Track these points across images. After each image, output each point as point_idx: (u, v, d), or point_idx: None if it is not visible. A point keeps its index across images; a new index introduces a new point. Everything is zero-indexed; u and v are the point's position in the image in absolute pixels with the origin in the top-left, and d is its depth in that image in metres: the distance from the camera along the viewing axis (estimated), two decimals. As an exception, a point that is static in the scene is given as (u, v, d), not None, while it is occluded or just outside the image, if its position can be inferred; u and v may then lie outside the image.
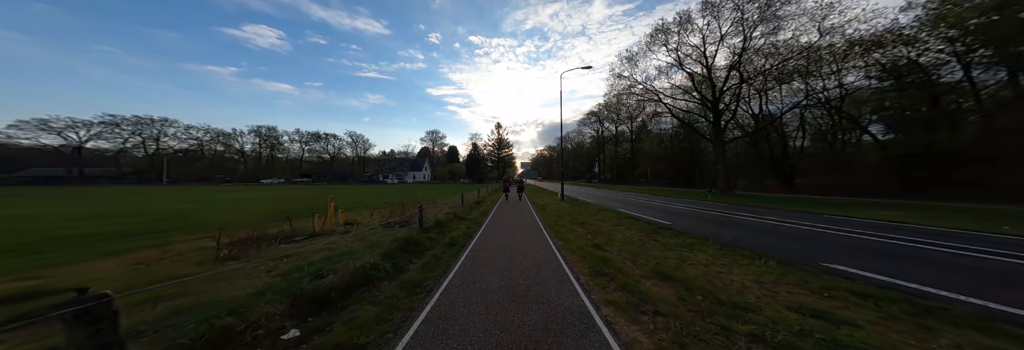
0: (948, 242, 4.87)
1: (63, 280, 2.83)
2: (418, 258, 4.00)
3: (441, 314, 2.34)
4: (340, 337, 1.99)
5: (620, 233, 5.86)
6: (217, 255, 3.75)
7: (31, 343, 1.70)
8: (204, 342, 1.64)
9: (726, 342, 1.91)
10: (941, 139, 14.15)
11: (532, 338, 1.94)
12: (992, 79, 14.10)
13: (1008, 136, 11.88)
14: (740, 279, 3.12)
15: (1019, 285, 2.98)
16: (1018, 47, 12.65)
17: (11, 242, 4.78)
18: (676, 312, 2.36)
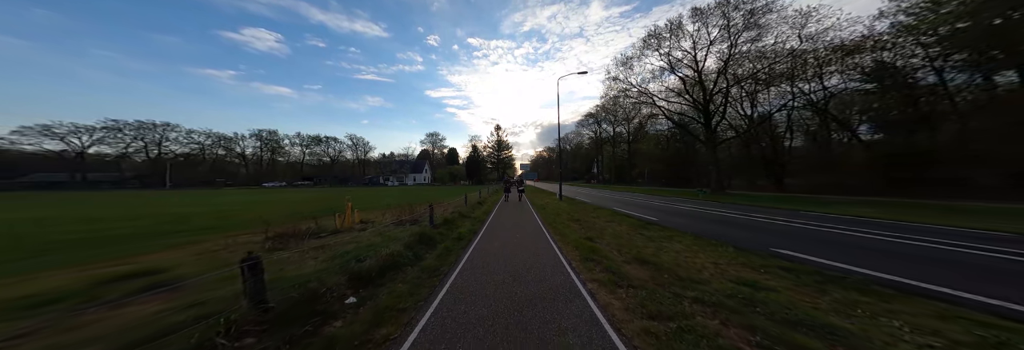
0: (891, 232, 5.58)
1: (153, 264, 3.48)
2: (432, 249, 4.67)
3: (458, 288, 3.01)
4: (387, 302, 2.66)
5: (611, 228, 6.54)
6: (264, 246, 4.41)
7: (208, 292, 2.39)
8: (302, 297, 2.31)
9: (675, 303, 2.58)
10: (920, 140, 14.93)
11: (531, 303, 2.61)
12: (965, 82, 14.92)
13: (979, 138, 12.65)
14: (701, 262, 3.80)
15: (911, 261, 3.71)
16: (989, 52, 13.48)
17: (79, 239, 5.43)
18: (645, 285, 3.03)
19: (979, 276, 3.20)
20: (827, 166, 18.93)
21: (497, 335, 2.02)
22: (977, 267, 3.53)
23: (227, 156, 61.40)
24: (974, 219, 6.87)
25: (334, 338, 2.00)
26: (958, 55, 14.57)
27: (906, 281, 3.02)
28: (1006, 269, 3.43)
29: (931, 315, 2.26)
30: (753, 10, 16.14)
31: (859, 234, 5.53)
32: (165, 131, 53.83)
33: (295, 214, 8.67)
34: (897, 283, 2.98)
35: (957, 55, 14.62)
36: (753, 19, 16.33)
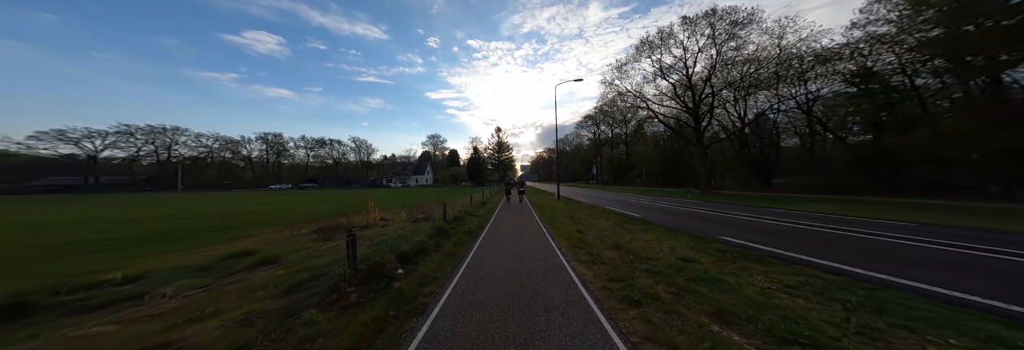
0: (828, 224, 6.65)
1: (243, 248, 4.60)
2: (449, 240, 5.76)
3: (474, 266, 4.09)
4: (425, 272, 3.75)
5: (599, 223, 7.61)
6: (317, 237, 5.52)
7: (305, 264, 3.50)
8: (370, 268, 3.41)
9: (629, 272, 3.66)
10: (895, 142, 15.95)
11: (529, 273, 3.69)
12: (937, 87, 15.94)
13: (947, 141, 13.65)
14: (661, 247, 4.88)
15: (815, 243, 4.79)
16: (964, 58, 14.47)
17: (163, 231, 6.56)
18: (613, 263, 4.11)
19: (853, 252, 4.30)
20: (812, 166, 19.96)
21: (505, 290, 3.11)
22: (856, 246, 4.65)
23: (233, 159, 62.85)
24: (915, 214, 7.93)
25: (400, 290, 3.09)
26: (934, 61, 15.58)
27: (796, 255, 4.13)
28: (879, 248, 4.51)
29: (786, 273, 3.35)
30: (734, 21, 17.27)
31: (801, 226, 6.61)
32: (175, 135, 55.32)
33: (320, 213, 9.80)
34: (787, 256, 4.09)
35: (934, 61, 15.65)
36: (735, 30, 17.47)
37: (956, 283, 3.01)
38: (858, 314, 2.32)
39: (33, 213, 11.99)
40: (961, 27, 14.13)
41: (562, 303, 2.70)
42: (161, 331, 2.10)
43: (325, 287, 2.83)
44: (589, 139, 60.21)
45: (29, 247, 5.33)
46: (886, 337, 1.99)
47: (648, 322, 2.29)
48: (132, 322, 2.23)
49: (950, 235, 5.41)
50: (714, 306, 2.52)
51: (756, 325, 2.16)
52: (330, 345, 2.00)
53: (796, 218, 7.84)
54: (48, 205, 16.99)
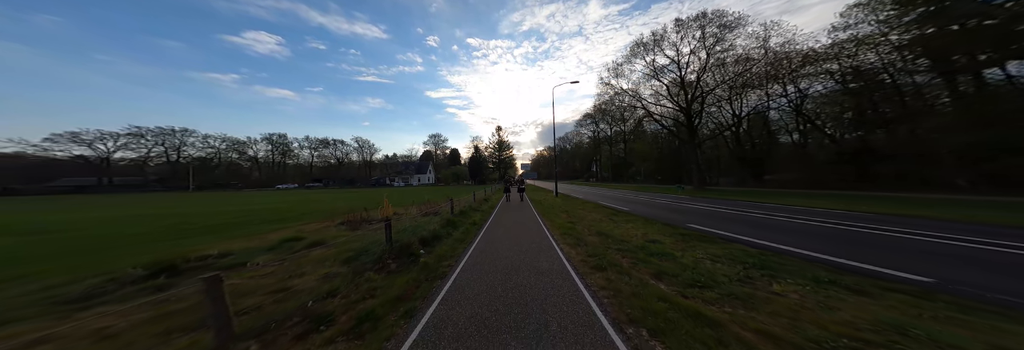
0: (786, 214, 7.57)
1: (292, 235, 5.61)
2: (457, 229, 6.74)
3: (481, 248, 5.06)
4: (442, 252, 4.73)
5: (590, 216, 8.56)
6: (345, 228, 6.52)
7: (347, 245, 4.50)
8: (399, 248, 4.40)
9: (605, 251, 4.61)
10: (877, 139, 16.73)
11: (526, 252, 4.66)
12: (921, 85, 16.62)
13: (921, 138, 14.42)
14: (637, 233, 5.84)
15: (764, 228, 5.72)
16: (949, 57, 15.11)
17: (216, 224, 7.61)
18: (594, 245, 5.06)
19: (779, 232, 5.28)
20: (801, 163, 20.74)
21: (506, 262, 4.07)
22: (786, 228, 5.64)
23: (239, 159, 64.25)
24: (867, 205, 8.84)
25: (425, 263, 4.06)
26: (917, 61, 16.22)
27: (737, 236, 5.12)
28: (800, 229, 5.49)
29: (720, 248, 4.31)
30: (723, 25, 18.00)
31: (762, 215, 7.55)
32: (183, 136, 56.65)
33: (338, 209, 10.82)
34: (730, 237, 5.08)
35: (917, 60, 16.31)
36: (722, 33, 18.21)
37: (823, 249, 4.14)
38: (748, 270, 3.29)
39: (79, 212, 13.09)
40: (945, 26, 14.77)
41: (549, 270, 3.66)
42: (276, 282, 3.09)
43: (372, 259, 3.82)
44: (589, 137, 60.96)
45: (120, 236, 6.41)
46: (753, 281, 2.95)
47: (607, 279, 3.25)
48: (254, 278, 3.23)
49: (866, 219, 6.43)
50: (657, 269, 3.48)
51: (678, 279, 3.12)
52: (388, 292, 2.98)
53: (764, 210, 8.77)
54: (83, 204, 18.14)
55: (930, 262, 3.57)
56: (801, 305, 2.39)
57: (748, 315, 2.25)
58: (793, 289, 2.72)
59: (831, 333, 1.95)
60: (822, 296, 2.56)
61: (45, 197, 32.09)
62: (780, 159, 23.11)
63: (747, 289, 2.74)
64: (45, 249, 5.25)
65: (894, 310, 2.29)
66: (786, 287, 2.76)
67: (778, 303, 2.42)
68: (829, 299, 2.50)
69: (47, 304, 2.61)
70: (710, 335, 1.95)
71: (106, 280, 3.03)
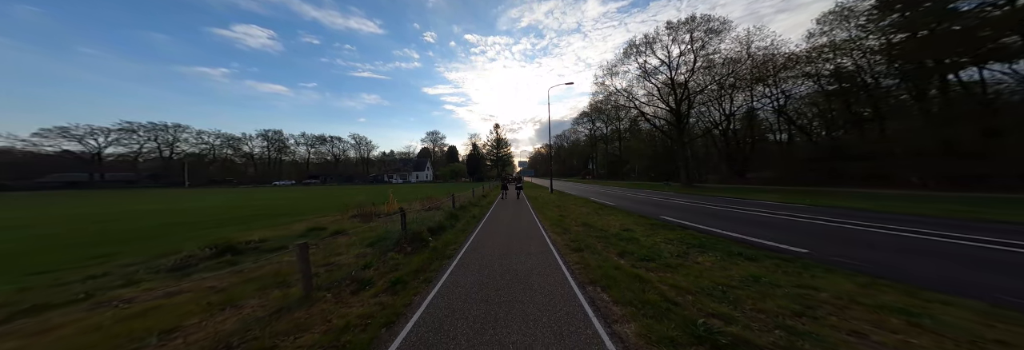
0: (748, 208, 8.55)
1: (312, 226, 6.39)
2: (459, 221, 7.57)
3: (480, 237, 5.91)
4: (447, 239, 5.57)
5: (579, 210, 9.46)
6: (358, 220, 7.32)
7: (366, 234, 5.31)
8: (412, 234, 5.23)
9: (586, 237, 5.50)
10: (845, 138, 17.92)
11: (520, 239, 5.52)
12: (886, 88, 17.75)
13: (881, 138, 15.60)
14: (616, 223, 6.74)
15: (721, 218, 6.65)
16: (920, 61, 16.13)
17: (240, 216, 8.32)
18: (577, 233, 5.95)
19: (730, 221, 6.24)
20: (782, 161, 21.95)
21: (502, 246, 4.92)
22: (738, 219, 6.61)
23: (233, 156, 63.86)
24: (825, 199, 9.90)
25: (434, 247, 4.90)
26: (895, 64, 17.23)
27: (695, 225, 6.05)
28: (750, 219, 6.43)
29: (678, 234, 5.23)
30: (710, 29, 18.85)
31: (723, 208, 8.55)
32: (176, 132, 56.09)
33: (346, 204, 11.55)
34: (690, 226, 6.02)
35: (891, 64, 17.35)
36: (708, 37, 19.09)
37: (749, 232, 5.26)
38: (688, 248, 4.21)
39: (93, 207, 13.59)
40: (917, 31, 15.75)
41: (537, 251, 4.53)
42: (323, 259, 3.90)
43: (391, 243, 4.65)
44: (586, 135, 61.84)
45: (160, 226, 7.14)
46: (687, 255, 3.88)
47: (581, 257, 4.12)
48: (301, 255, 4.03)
49: (802, 211, 7.55)
50: (622, 250, 4.37)
51: (634, 255, 4.01)
52: (409, 266, 3.80)
53: (730, 204, 9.78)
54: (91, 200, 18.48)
55: (815, 239, 4.70)
56: (708, 269, 3.32)
57: (670, 276, 3.15)
58: (709, 259, 3.64)
59: (714, 283, 2.87)
60: (725, 263, 3.50)
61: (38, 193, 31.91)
62: (763, 157, 24.33)
63: (679, 260, 3.65)
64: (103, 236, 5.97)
65: (763, 269, 3.27)
66: (706, 258, 3.69)
67: (694, 268, 3.33)
68: (728, 264, 3.44)
69: (153, 272, 3.38)
70: (640, 287, 2.83)
71: (184, 257, 3.79)
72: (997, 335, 1.95)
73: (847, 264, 3.46)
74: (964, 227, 5.43)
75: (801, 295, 2.58)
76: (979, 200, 9.25)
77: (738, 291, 2.68)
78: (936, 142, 12.12)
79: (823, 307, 2.36)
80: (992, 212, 6.83)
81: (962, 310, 2.28)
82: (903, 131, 13.72)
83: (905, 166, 13.98)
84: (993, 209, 7.30)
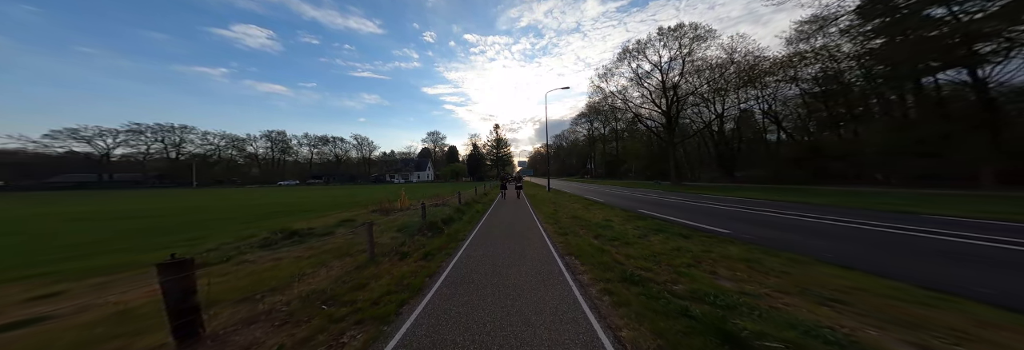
0: (720, 203, 9.73)
1: (344, 218, 7.57)
2: (465, 215, 8.74)
3: (485, 228, 7.09)
4: (457, 228, 6.75)
5: (571, 206, 10.64)
6: (379, 214, 8.50)
7: (390, 223, 6.52)
8: (428, 223, 6.42)
9: (573, 228, 6.67)
10: (825, 139, 19.10)
11: (519, 229, 6.72)
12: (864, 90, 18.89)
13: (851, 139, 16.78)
14: (600, 216, 7.93)
15: (694, 212, 7.83)
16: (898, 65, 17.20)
17: (265, 213, 9.50)
18: (566, 224, 7.13)
19: (695, 213, 7.39)
20: (768, 161, 23.14)
21: (504, 233, 6.11)
22: (703, 211, 7.77)
23: (238, 156, 64.99)
24: (793, 196, 11.09)
25: (448, 234, 6.08)
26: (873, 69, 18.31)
27: (666, 216, 7.22)
28: (713, 212, 7.60)
29: (647, 222, 6.42)
30: (696, 36, 20.06)
31: (698, 204, 9.73)
32: (183, 133, 57.21)
33: (361, 201, 12.76)
34: (661, 217, 7.18)
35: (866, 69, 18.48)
36: (694, 44, 20.30)
37: (702, 220, 6.53)
38: (649, 232, 5.40)
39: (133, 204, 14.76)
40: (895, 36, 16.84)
41: (532, 237, 5.70)
42: (364, 241, 5.10)
43: (414, 229, 5.83)
44: (584, 135, 62.98)
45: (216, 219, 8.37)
46: (646, 237, 5.07)
47: (566, 239, 5.29)
48: (347, 237, 5.21)
49: (766, 205, 8.75)
50: (598, 234, 5.55)
51: (606, 237, 5.20)
52: (432, 245, 4.97)
53: (703, 200, 10.98)
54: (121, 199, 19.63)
55: (743, 224, 6.04)
56: (653, 244, 4.52)
57: (626, 249, 4.33)
58: (660, 239, 4.83)
59: (653, 252, 4.07)
60: (667, 240, 4.71)
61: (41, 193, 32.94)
62: (751, 157, 25.52)
63: (637, 240, 4.84)
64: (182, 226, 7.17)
65: (690, 243, 4.52)
66: (656, 238, 4.89)
67: (644, 244, 4.53)
68: (670, 241, 4.64)
69: (250, 248, 4.56)
70: (601, 256, 4.01)
71: (264, 238, 4.96)
72: (785, 268, 3.26)
73: (748, 239, 4.73)
74: (864, 215, 6.72)
75: (699, 256, 3.79)
76: (920, 195, 10.47)
77: (664, 256, 3.87)
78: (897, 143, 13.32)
79: (707, 262, 3.58)
80: (908, 205, 8.09)
81: (781, 259, 3.57)
82: (872, 133, 14.89)
83: (872, 165, 15.20)
84: (916, 203, 8.54)
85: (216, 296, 2.58)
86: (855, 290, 2.64)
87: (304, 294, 2.77)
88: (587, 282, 3.11)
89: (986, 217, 6.14)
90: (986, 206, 7.49)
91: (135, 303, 2.63)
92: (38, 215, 10.33)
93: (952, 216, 6.35)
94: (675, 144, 24.40)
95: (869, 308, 2.32)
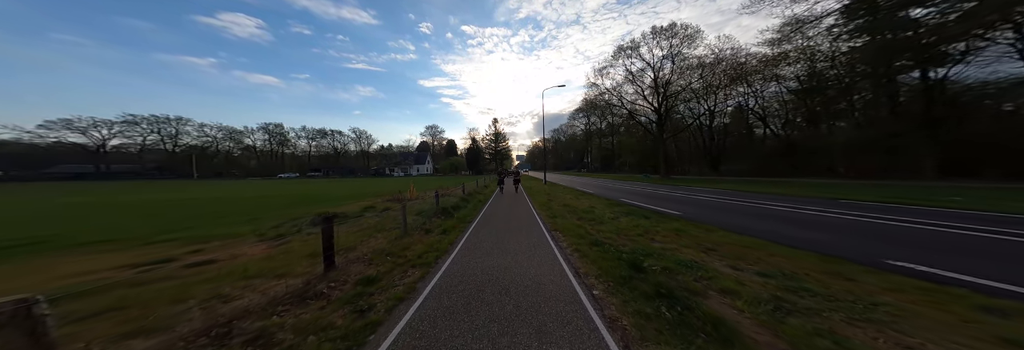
0: (692, 194, 11.09)
1: (367, 205, 8.77)
2: (470, 203, 9.99)
3: (487, 214, 8.33)
4: (463, 215, 7.97)
5: (564, 196, 11.91)
6: (394, 203, 9.73)
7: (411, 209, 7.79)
8: (440, 209, 7.67)
9: (562, 212, 7.95)
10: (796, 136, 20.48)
11: (517, 214, 7.99)
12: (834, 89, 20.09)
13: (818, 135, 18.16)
14: (586, 204, 9.20)
15: (670, 201, 9.15)
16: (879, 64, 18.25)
17: (289, 202, 10.65)
18: (557, 210, 8.39)
19: (667, 201, 8.70)
20: (751, 155, 24.58)
21: (504, 218, 7.37)
22: (675, 200, 9.06)
23: (235, 148, 64.98)
24: (762, 188, 12.51)
25: (457, 217, 7.33)
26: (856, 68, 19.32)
27: (641, 204, 8.52)
28: (683, 199, 8.93)
29: (623, 208, 7.73)
30: (685, 36, 20.94)
31: (672, 194, 11.08)
32: (179, 124, 56.93)
33: (371, 192, 13.92)
34: (636, 205, 8.49)
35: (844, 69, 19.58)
36: (682, 45, 21.21)
37: (665, 206, 7.92)
38: (620, 215, 6.70)
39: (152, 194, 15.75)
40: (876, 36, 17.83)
41: (527, 221, 6.96)
42: (391, 221, 6.33)
43: (430, 214, 7.07)
44: (581, 130, 63.87)
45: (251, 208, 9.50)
46: (618, 219, 6.38)
47: (554, 221, 6.55)
48: (376, 219, 6.44)
49: (727, 194, 10.20)
50: (580, 217, 6.84)
51: (586, 219, 6.49)
52: (448, 225, 6.21)
53: (679, 191, 12.35)
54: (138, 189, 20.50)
55: (695, 208, 7.51)
56: (622, 223, 5.81)
57: (600, 227, 5.62)
58: (627, 220, 6.14)
59: (619, 228, 5.34)
60: (633, 221, 5.98)
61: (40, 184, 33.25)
62: (737, 152, 26.96)
63: (610, 221, 6.13)
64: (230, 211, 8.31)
65: (649, 222, 5.82)
66: (625, 219, 6.18)
67: (615, 224, 5.82)
68: (634, 221, 5.92)
69: (306, 226, 5.77)
70: (580, 231, 5.28)
71: (310, 220, 6.16)
72: (696, 234, 4.60)
73: (689, 218, 6.13)
74: (797, 201, 8.15)
75: (649, 229, 5.11)
76: (864, 186, 12.04)
77: (625, 230, 5.17)
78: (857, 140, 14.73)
79: (652, 232, 4.90)
80: (843, 194, 9.54)
81: (699, 229, 4.96)
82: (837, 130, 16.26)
83: (838, 160, 16.68)
84: (852, 192, 10.02)
85: (316, 251, 3.81)
86: (725, 244, 4.12)
87: (371, 251, 4.01)
88: (565, 246, 4.38)
89: (884, 200, 7.80)
90: (901, 192, 9.18)
91: (268, 253, 3.85)
92: (78, 204, 11.36)
93: (862, 201, 7.95)
94: (665, 139, 25.65)
95: (725, 252, 3.78)
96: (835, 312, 2.15)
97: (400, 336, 1.94)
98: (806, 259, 3.36)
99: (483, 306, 2.34)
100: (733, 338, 1.82)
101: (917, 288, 2.52)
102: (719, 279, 2.80)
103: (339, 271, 3.26)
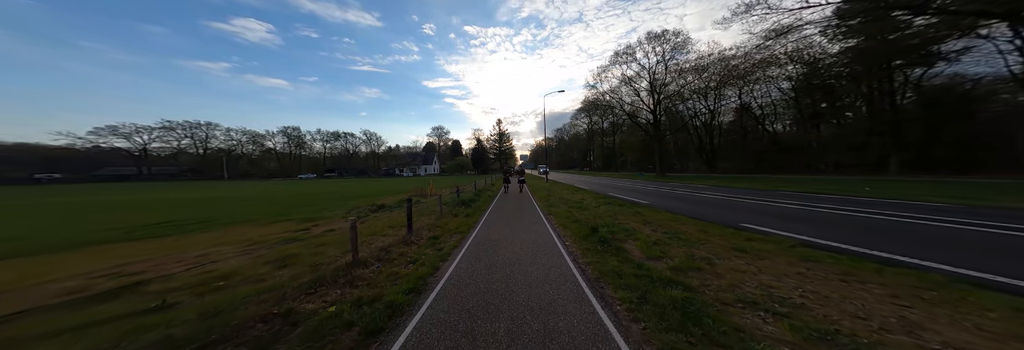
0: (675, 189, 12.88)
1: (400, 199, 10.97)
2: (482, 197, 12.07)
3: (496, 208, 10.30)
4: (479, 205, 10.07)
5: (562, 192, 13.86)
6: (420, 198, 11.91)
7: (435, 201, 9.95)
8: (459, 201, 9.78)
9: (559, 204, 9.89)
10: (794, 134, 21.70)
11: (522, 207, 10.03)
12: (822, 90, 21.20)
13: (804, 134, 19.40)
14: (579, 198, 11.14)
15: (657, 196, 10.97)
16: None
17: (336, 199, 13.00)
18: (555, 203, 10.33)
19: (653, 196, 10.55)
20: (743, 153, 25.84)
21: (511, 210, 9.40)
22: (661, 194, 10.89)
23: (256, 151, 69.13)
24: (749, 184, 14.15)
25: (476, 207, 9.42)
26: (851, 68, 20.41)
27: (628, 198, 10.38)
28: (668, 194, 10.75)
29: (614, 201, 9.63)
30: (676, 43, 22.43)
31: (657, 189, 12.88)
32: (209, 129, 61.19)
33: (393, 190, 16.19)
34: (624, 199, 10.34)
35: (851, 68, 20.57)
36: (674, 52, 22.71)
37: (646, 199, 9.64)
38: (602, 205, 8.63)
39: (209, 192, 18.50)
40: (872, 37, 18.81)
41: (529, 209, 8.99)
42: (426, 209, 8.46)
43: (453, 204, 9.19)
44: (584, 129, 65.17)
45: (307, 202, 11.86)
46: (598, 208, 8.32)
47: (552, 211, 8.48)
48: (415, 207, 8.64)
49: (706, 189, 11.90)
50: (571, 207, 8.79)
51: (576, 208, 8.44)
52: (469, 211, 8.29)
53: (667, 187, 14.11)
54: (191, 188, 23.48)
55: (663, 199, 9.31)
56: (601, 210, 7.73)
57: (585, 213, 7.56)
58: (607, 208, 8.06)
59: (598, 214, 7.27)
60: (611, 209, 7.89)
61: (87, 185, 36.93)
62: (729, 150, 28.19)
63: (594, 208, 8.08)
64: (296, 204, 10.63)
65: (622, 210, 7.72)
66: (604, 208, 8.11)
67: (596, 211, 7.76)
68: (612, 209, 7.84)
69: (367, 212, 7.95)
70: (570, 216, 7.22)
71: (367, 208, 8.34)
72: (650, 216, 6.49)
73: (654, 206, 7.98)
74: (761, 194, 9.74)
75: (619, 214, 7.03)
76: (831, 180, 13.57)
77: (602, 215, 7.08)
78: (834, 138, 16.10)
79: (620, 216, 6.83)
80: (810, 187, 11.13)
81: (655, 213, 6.85)
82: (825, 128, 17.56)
83: (818, 157, 18.02)
84: (820, 185, 11.59)
85: (392, 224, 5.96)
86: (660, 219, 6.07)
87: (424, 226, 6.13)
88: (556, 225, 6.37)
89: (815, 192, 9.61)
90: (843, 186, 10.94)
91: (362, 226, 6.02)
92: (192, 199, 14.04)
93: (798, 191, 9.72)
94: (663, 138, 27.15)
95: (655, 223, 5.74)
96: (678, 246, 4.11)
97: (461, 260, 3.97)
98: (697, 224, 5.35)
99: (502, 251, 4.34)
100: (624, 254, 3.81)
101: (742, 237, 4.43)
102: (636, 234, 4.78)
103: (415, 234, 5.37)
